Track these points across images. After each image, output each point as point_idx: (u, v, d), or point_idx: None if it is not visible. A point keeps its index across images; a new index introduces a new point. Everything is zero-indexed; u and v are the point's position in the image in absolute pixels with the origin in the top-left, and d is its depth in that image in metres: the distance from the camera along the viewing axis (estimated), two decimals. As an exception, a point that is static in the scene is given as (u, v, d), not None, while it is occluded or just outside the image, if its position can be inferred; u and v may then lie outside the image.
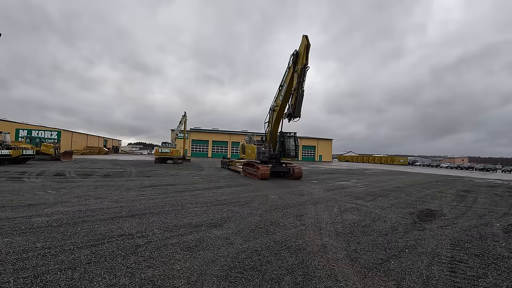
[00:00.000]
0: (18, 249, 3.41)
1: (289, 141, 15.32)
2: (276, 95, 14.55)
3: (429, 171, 35.81)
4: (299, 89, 11.82)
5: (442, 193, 11.43)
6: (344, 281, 2.95)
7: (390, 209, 7.13)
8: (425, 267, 3.40)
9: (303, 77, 11.87)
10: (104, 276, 2.81)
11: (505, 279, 3.19)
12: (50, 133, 49.10)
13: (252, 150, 15.76)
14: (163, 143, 29.62)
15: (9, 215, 5.05)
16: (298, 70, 11.89)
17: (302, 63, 11.77)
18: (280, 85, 14.11)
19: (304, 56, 11.78)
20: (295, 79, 12.02)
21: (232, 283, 2.81)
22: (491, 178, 26.02)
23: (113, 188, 9.04)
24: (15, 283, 2.60)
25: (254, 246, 3.90)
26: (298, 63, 12.06)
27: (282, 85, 13.87)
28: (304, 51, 11.79)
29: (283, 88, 13.76)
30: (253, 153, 15.75)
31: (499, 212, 7.48)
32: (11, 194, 7.31)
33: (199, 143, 61.59)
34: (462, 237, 4.81)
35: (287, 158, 15.47)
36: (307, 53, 11.81)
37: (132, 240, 3.92)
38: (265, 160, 14.97)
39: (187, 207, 6.44)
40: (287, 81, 13.19)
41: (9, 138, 21.17)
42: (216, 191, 9.37)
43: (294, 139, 15.52)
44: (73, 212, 5.44)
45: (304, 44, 11.85)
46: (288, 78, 13.19)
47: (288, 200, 8.02)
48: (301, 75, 11.80)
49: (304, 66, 11.79)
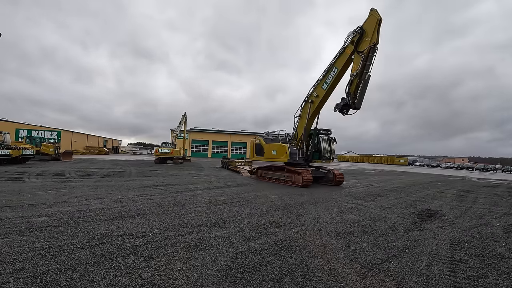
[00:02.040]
0: (18, 249, 3.41)
1: (324, 140, 12.97)
2: (316, 83, 12.15)
3: (429, 171, 35.82)
4: (364, 75, 9.97)
5: (442, 193, 11.43)
6: (344, 281, 2.95)
7: (390, 209, 7.13)
8: (425, 267, 3.40)
9: (370, 60, 9.98)
10: (104, 276, 2.81)
11: (505, 279, 3.19)
12: (50, 133, 49.09)
13: (282, 150, 12.47)
14: (163, 143, 29.64)
15: (9, 215, 5.05)
16: (364, 51, 9.91)
17: (371, 42, 9.80)
18: (325, 70, 11.71)
19: (374, 33, 9.78)
20: (357, 62, 10.17)
21: (232, 283, 2.81)
22: (491, 178, 26.02)
23: (113, 188, 9.04)
24: (15, 283, 2.60)
25: (254, 246, 3.90)
26: (363, 42, 10.11)
27: (330, 70, 11.49)
28: (376, 27, 9.76)
29: (330, 73, 11.42)
30: (283, 153, 12.39)
31: (499, 212, 7.48)
32: (11, 194, 7.31)
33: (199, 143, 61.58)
34: (462, 237, 4.81)
35: (321, 161, 13.00)
36: (378, 30, 9.83)
37: (132, 240, 3.92)
38: (300, 162, 12.42)
39: (187, 207, 6.44)
40: (340, 65, 11.09)
41: (9, 138, 21.16)
42: (216, 191, 9.37)
43: (330, 138, 13.20)
44: (73, 212, 5.44)
45: (376, 19, 9.76)
46: (342, 61, 11.04)
47: (288, 200, 8.02)
48: (368, 56, 9.92)
49: (373, 46, 9.87)
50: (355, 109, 10.42)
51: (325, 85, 11.65)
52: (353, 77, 10.21)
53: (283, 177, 12.58)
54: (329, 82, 11.49)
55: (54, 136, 48.49)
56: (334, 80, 11.34)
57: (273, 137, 13.94)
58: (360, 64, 10.01)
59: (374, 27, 9.84)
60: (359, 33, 10.28)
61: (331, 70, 11.49)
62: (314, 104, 12.15)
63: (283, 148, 12.49)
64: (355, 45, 10.39)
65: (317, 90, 12.04)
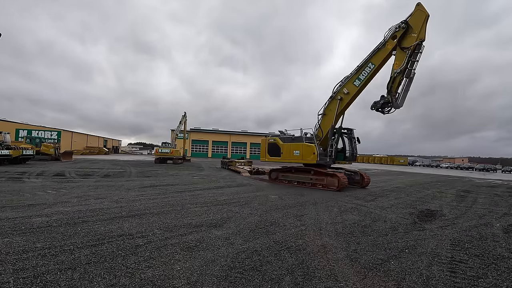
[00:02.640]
0: (18, 249, 3.41)
1: (350, 140, 12.21)
2: (345, 79, 11.47)
3: (429, 171, 35.83)
4: (409, 72, 9.64)
5: (442, 193, 11.43)
6: (344, 281, 2.95)
7: (390, 209, 7.13)
8: (425, 267, 3.40)
9: (416, 56, 9.66)
10: (104, 276, 2.81)
11: (505, 279, 3.19)
12: (50, 133, 49.10)
13: (309, 150, 11.41)
14: (163, 143, 29.65)
15: (9, 215, 5.05)
16: (411, 47, 9.61)
17: (419, 38, 9.48)
18: (359, 66, 11.08)
19: (422, 29, 9.45)
20: (401, 58, 9.81)
21: (232, 283, 2.81)
22: (491, 178, 26.03)
23: (113, 188, 9.04)
24: (15, 283, 2.60)
25: (254, 246, 3.90)
26: (409, 38, 9.75)
27: (365, 66, 10.89)
28: (424, 23, 9.44)
29: (365, 69, 10.85)
30: (309, 154, 11.34)
31: (499, 212, 7.48)
32: (11, 194, 7.31)
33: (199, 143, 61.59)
34: (462, 237, 4.81)
35: (344, 162, 12.21)
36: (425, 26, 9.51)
37: (132, 240, 3.92)
38: (329, 163, 11.63)
39: (187, 207, 6.44)
40: (378, 61, 10.57)
41: (9, 138, 21.16)
42: (216, 191, 9.37)
43: (352, 137, 12.29)
44: (73, 212, 5.44)
45: (425, 15, 9.44)
46: (381, 56, 10.52)
47: (288, 200, 8.02)
48: (413, 53, 9.62)
49: (420, 42, 9.55)
50: (396, 107, 10.06)
51: (358, 82, 11.01)
52: (396, 74, 9.81)
53: (309, 180, 11.53)
54: (362, 78, 10.87)
55: (54, 136, 48.50)
56: (369, 76, 10.76)
57: (293, 136, 12.72)
58: (405, 61, 9.66)
59: (422, 23, 9.47)
60: (404, 28, 9.81)
61: (365, 66, 10.84)
62: (343, 101, 11.41)
63: (310, 148, 11.38)
64: (399, 41, 9.94)
65: (348, 86, 11.28)
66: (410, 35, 9.73)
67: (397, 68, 9.81)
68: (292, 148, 12.18)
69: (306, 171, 11.85)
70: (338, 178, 10.50)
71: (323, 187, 10.98)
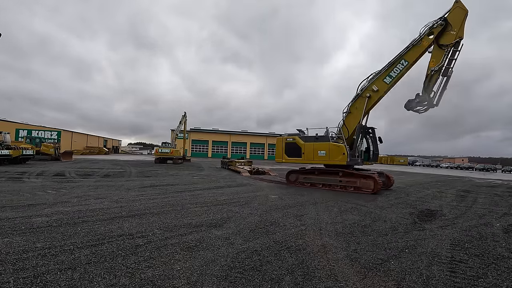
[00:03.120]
0: (18, 249, 3.41)
1: (374, 139, 11.60)
2: (374, 76, 10.99)
3: (429, 171, 35.84)
4: (447, 70, 9.48)
5: (442, 193, 11.43)
6: (344, 281, 2.95)
7: (390, 209, 7.13)
8: (425, 267, 3.40)
9: (454, 55, 9.46)
10: (104, 276, 2.81)
11: (505, 279, 3.19)
12: (50, 133, 49.14)
13: (338, 150, 10.69)
14: (163, 143, 29.67)
15: (9, 215, 5.05)
16: (450, 45, 9.41)
17: (458, 36, 9.29)
18: (390, 62, 10.66)
19: (462, 26, 9.29)
20: (438, 56, 9.63)
21: (232, 283, 2.81)
22: (491, 178, 26.03)
23: (113, 188, 9.04)
24: (15, 283, 2.60)
25: (254, 246, 3.90)
26: (447, 35, 9.50)
27: (397, 62, 10.51)
28: (464, 20, 9.28)
29: (397, 66, 10.48)
30: (338, 154, 10.63)
31: (499, 212, 7.48)
32: (11, 194, 7.31)
33: (199, 143, 61.60)
34: (462, 237, 4.81)
35: (368, 162, 11.62)
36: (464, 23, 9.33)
37: (132, 240, 3.92)
38: (359, 164, 11.15)
39: (187, 207, 6.44)
40: (412, 58, 10.23)
41: (9, 138, 21.17)
42: (216, 191, 9.37)
43: (375, 137, 11.70)
44: (73, 212, 5.44)
45: (465, 12, 9.30)
46: (415, 53, 10.17)
47: (288, 200, 8.02)
48: (450, 51, 9.46)
49: (459, 40, 9.37)
50: (432, 106, 9.78)
51: (389, 79, 10.58)
52: (433, 72, 9.60)
53: (338, 182, 10.80)
54: (394, 75, 10.47)
55: (54, 136, 48.53)
56: (401, 74, 10.41)
57: (317, 136, 11.88)
58: (443, 59, 9.49)
59: (461, 20, 9.30)
60: (442, 25, 9.55)
61: (398, 63, 10.46)
62: (371, 99, 10.87)
63: (339, 148, 10.64)
64: (436, 38, 9.68)
65: (378, 83, 10.80)
66: (449, 32, 9.49)
67: (434, 66, 9.59)
68: (316, 148, 11.36)
69: (333, 172, 11.04)
70: (374, 180, 9.91)
71: (355, 190, 10.31)
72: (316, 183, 11.48)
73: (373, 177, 10.03)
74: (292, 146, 12.20)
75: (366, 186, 10.14)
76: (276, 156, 13.02)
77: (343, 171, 10.73)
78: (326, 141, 11.24)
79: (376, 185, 9.87)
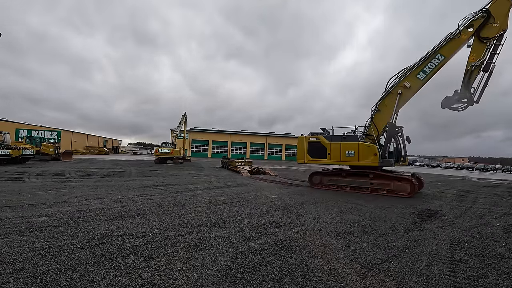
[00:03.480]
0: (18, 249, 3.41)
1: (402, 139, 10.83)
2: (405, 72, 10.33)
3: (429, 171, 35.83)
4: (489, 65, 8.97)
5: (442, 193, 11.43)
6: (344, 281, 2.95)
7: (390, 209, 7.13)
8: (425, 267, 3.40)
9: (496, 49, 8.93)
10: (104, 276, 2.81)
11: (505, 279, 3.19)
12: (50, 133, 49.14)
13: (369, 151, 10.06)
14: (163, 143, 29.67)
15: (9, 215, 5.05)
16: (492, 38, 8.87)
17: (501, 29, 8.78)
18: (424, 57, 9.98)
19: (506, 18, 8.76)
20: (479, 50, 9.10)
21: (232, 283, 2.81)
22: (491, 178, 26.03)
23: (113, 188, 9.04)
24: (15, 283, 2.60)
25: (254, 246, 3.90)
26: (489, 28, 8.95)
27: (432, 57, 9.83)
28: (508, 12, 8.78)
29: (432, 61, 9.82)
30: (369, 155, 10.03)
31: (499, 212, 7.48)
32: (11, 194, 7.31)
33: (199, 143, 61.61)
34: (462, 237, 4.81)
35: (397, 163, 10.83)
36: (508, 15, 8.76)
37: (132, 240, 3.92)
38: (391, 165, 10.26)
39: (187, 207, 6.44)
40: (449, 52, 9.61)
41: (9, 138, 21.18)
42: (216, 191, 9.37)
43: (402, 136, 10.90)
44: (73, 212, 5.44)
45: (510, 4, 8.78)
46: (453, 47, 9.54)
47: (288, 200, 8.02)
48: (492, 45, 8.95)
49: (503, 33, 8.83)
50: (471, 104, 9.27)
51: (423, 75, 9.95)
52: (473, 67, 9.11)
53: (369, 184, 10.19)
54: (428, 71, 9.84)
55: (54, 136, 48.53)
56: (436, 69, 9.79)
57: (345, 135, 11.16)
58: (485, 53, 8.98)
59: (505, 12, 8.78)
60: (483, 17, 8.97)
61: (433, 57, 9.78)
62: (403, 96, 10.23)
63: (371, 148, 10.01)
64: (477, 31, 9.09)
65: (410, 79, 10.10)
66: (491, 25, 8.92)
67: (474, 61, 9.06)
68: (343, 148, 10.65)
69: (363, 174, 10.40)
70: (411, 183, 9.37)
71: (389, 193, 9.72)
72: (344, 185, 10.82)
73: (410, 179, 9.47)
74: (315, 146, 11.44)
75: (401, 189, 9.57)
76: (298, 157, 12.13)
77: (375, 172, 10.13)
78: (355, 141, 10.58)
79: (413, 188, 9.32)
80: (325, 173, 11.57)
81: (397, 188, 9.66)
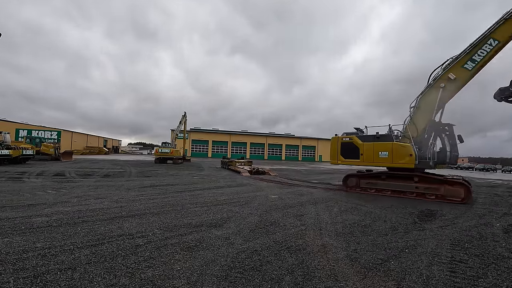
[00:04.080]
0: (18, 249, 3.41)
1: (451, 138, 9.67)
2: (450, 63, 9.18)
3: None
4: None
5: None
6: (344, 281, 2.95)
7: (390, 209, 7.13)
8: (425, 267, 3.40)
9: None
10: (104, 276, 2.81)
11: (505, 279, 3.19)
12: (50, 133, 49.15)
13: (404, 151, 9.28)
14: (163, 143, 29.67)
15: (9, 215, 5.05)
16: None
17: None
18: (472, 44, 8.68)
19: None
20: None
21: (232, 283, 2.81)
22: (491, 178, 26.03)
23: (113, 188, 9.04)
24: (15, 283, 2.60)
25: (254, 246, 3.90)
26: None
27: (482, 43, 8.53)
28: None
29: (483, 47, 8.50)
30: (404, 156, 9.24)
31: (499, 212, 7.48)
32: (11, 194, 7.31)
33: (199, 143, 61.60)
34: (462, 237, 4.81)
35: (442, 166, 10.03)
36: None
37: (132, 240, 3.92)
38: (430, 167, 9.50)
39: (187, 207, 6.44)
40: (505, 36, 8.18)
41: (9, 138, 21.19)
42: (216, 191, 9.37)
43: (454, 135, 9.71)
44: (73, 212, 5.44)
45: None
46: (509, 29, 8.14)
47: (288, 200, 8.02)
48: None
49: None
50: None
51: (471, 64, 8.67)
52: None
53: (414, 188, 9.31)
54: (478, 59, 8.54)
55: (54, 136, 48.55)
56: (488, 57, 8.42)
57: (378, 134, 10.32)
58: None
59: None
60: None
61: (484, 43, 8.46)
62: (447, 89, 9.11)
63: (405, 149, 9.22)
64: None
65: (456, 70, 8.95)
66: None
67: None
68: (376, 149, 9.98)
69: (407, 177, 9.54)
70: (465, 188, 8.58)
71: (438, 198, 8.87)
72: (384, 189, 9.97)
73: (464, 183, 8.71)
74: (348, 146, 10.83)
75: (454, 194, 8.70)
76: (331, 157, 11.52)
77: (420, 175, 9.35)
78: (389, 141, 9.80)
79: (469, 194, 8.60)
80: (362, 175, 10.85)
81: (449, 193, 8.81)
